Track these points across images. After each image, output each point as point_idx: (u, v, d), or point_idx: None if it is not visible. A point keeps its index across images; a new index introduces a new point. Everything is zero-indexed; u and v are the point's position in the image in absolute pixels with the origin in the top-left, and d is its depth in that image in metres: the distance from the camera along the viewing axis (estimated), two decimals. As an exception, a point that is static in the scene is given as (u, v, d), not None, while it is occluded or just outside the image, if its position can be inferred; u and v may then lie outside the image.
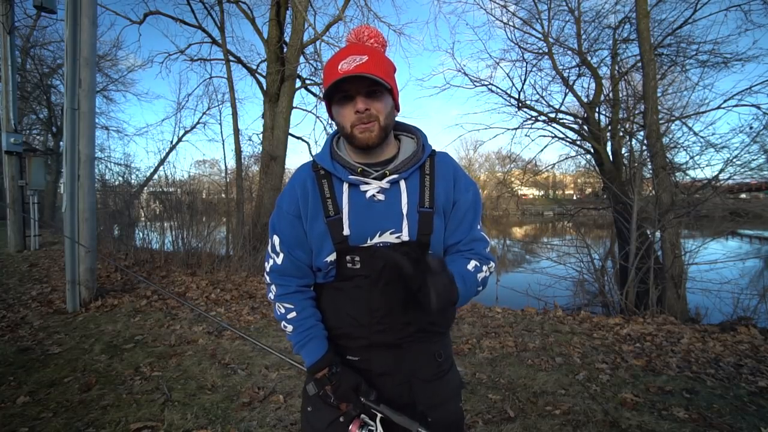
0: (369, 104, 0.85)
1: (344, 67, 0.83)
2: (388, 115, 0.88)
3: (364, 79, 0.83)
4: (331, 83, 0.83)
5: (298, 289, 0.97)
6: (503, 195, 13.16)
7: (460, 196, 0.95)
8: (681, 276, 5.14)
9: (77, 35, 4.22)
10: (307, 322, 0.93)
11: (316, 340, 0.92)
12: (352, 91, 0.85)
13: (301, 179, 0.94)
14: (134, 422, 2.20)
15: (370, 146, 0.87)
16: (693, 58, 7.64)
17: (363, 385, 0.89)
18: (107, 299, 4.61)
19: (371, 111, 0.85)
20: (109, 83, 16.02)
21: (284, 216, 0.95)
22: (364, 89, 0.84)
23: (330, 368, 0.89)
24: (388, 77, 0.86)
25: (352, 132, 0.87)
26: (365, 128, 0.85)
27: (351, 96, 0.85)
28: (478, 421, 2.26)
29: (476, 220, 0.98)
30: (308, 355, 0.91)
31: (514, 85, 9.99)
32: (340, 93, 0.86)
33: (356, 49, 0.86)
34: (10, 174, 8.36)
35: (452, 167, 0.97)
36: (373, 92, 0.85)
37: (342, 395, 0.87)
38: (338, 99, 0.87)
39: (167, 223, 7.84)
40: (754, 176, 5.70)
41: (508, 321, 4.19)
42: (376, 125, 0.86)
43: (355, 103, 0.85)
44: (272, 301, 0.99)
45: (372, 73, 0.82)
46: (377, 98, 0.86)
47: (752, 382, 2.65)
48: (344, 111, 0.87)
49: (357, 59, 0.83)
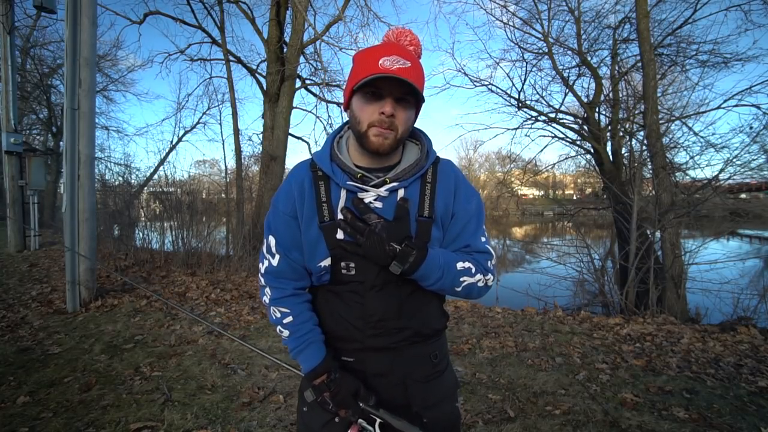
0: (396, 110, 0.82)
1: (386, 64, 0.78)
2: (407, 128, 0.85)
3: (402, 84, 0.79)
4: (369, 76, 0.78)
5: (294, 292, 0.94)
6: (503, 195, 13.15)
7: (459, 207, 0.92)
8: (681, 276, 5.14)
9: (77, 35, 4.22)
10: (305, 327, 0.92)
11: (314, 345, 0.90)
12: (384, 90, 0.81)
13: (298, 179, 0.91)
14: (134, 422, 2.20)
15: (380, 153, 0.84)
16: (693, 58, 7.64)
17: (362, 390, 0.87)
18: (107, 299, 4.61)
19: (395, 119, 0.82)
20: (109, 83, 16.04)
21: (280, 216, 0.92)
22: (397, 94, 0.81)
23: (329, 374, 0.87)
24: (422, 90, 0.83)
25: (368, 131, 0.83)
26: (382, 133, 0.82)
27: (381, 95, 0.81)
28: (478, 421, 2.26)
29: (478, 231, 0.95)
30: (306, 361, 0.89)
31: (514, 85, 10.02)
32: (370, 87, 0.81)
33: (401, 50, 0.82)
34: (10, 174, 8.36)
35: (454, 176, 0.94)
36: (404, 100, 0.82)
37: (341, 401, 0.85)
38: (366, 93, 0.82)
39: (167, 223, 7.84)
40: (754, 176, 5.70)
41: (508, 321, 4.19)
42: (393, 135, 0.83)
43: (384, 104, 0.81)
44: (267, 305, 0.96)
45: (414, 82, 0.79)
46: (405, 107, 0.83)
47: (752, 382, 2.65)
48: (369, 107, 0.82)
49: (401, 61, 0.79)
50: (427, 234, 0.88)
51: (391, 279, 0.87)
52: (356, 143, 0.88)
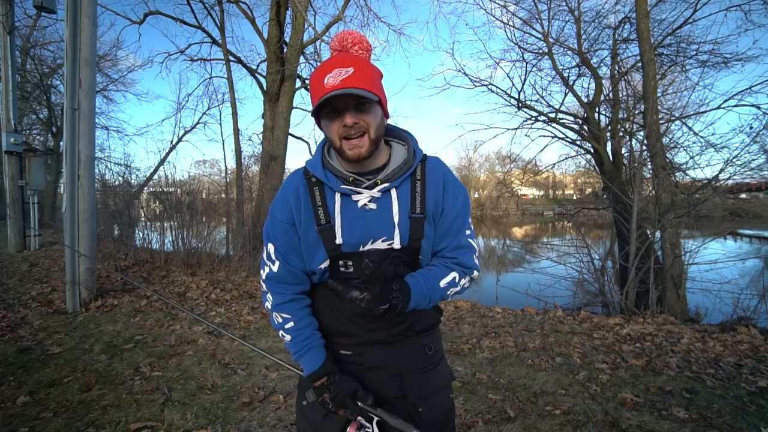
0: (358, 118, 0.84)
1: (330, 81, 0.81)
2: (378, 126, 0.87)
3: (350, 94, 0.82)
4: (318, 101, 0.82)
5: (295, 297, 0.98)
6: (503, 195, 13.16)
7: (448, 203, 0.96)
8: (681, 276, 5.14)
9: (77, 35, 4.22)
10: (305, 332, 0.96)
11: (314, 349, 0.95)
12: (340, 105, 0.84)
13: (293, 187, 0.95)
14: (134, 422, 2.20)
15: (361, 160, 0.87)
16: (693, 58, 7.65)
17: (360, 391, 0.91)
18: (107, 299, 4.61)
19: (360, 124, 0.84)
20: (109, 83, 16.06)
21: (278, 224, 0.96)
22: (352, 103, 0.83)
23: (328, 377, 0.91)
24: (375, 88, 0.85)
25: (342, 146, 0.86)
26: (354, 145, 0.85)
27: (340, 110, 0.84)
28: (478, 421, 2.26)
29: (464, 227, 0.98)
30: (307, 364, 0.94)
31: (514, 85, 9.97)
32: (328, 107, 0.85)
33: (341, 60, 0.84)
34: (10, 174, 8.36)
35: (442, 173, 0.96)
36: (362, 104, 0.84)
37: (340, 402, 0.90)
38: (326, 113, 0.86)
39: (167, 223, 7.84)
40: (754, 176, 5.70)
41: (508, 321, 4.19)
42: (366, 139, 0.85)
43: (344, 118, 0.84)
44: (269, 311, 1.00)
45: (359, 87, 0.81)
46: (366, 111, 0.85)
47: (752, 382, 2.65)
48: (333, 125, 0.86)
49: (343, 72, 0.81)
50: (420, 231, 0.92)
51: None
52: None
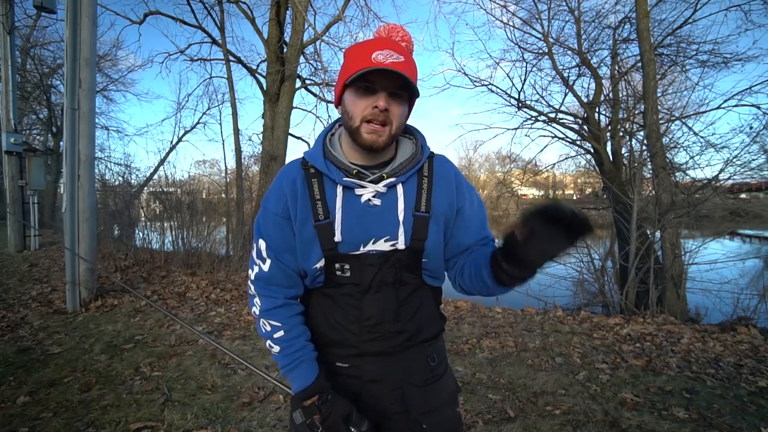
0: (390, 105, 0.80)
1: (379, 58, 0.76)
2: (401, 123, 0.84)
3: (396, 78, 0.78)
4: (362, 70, 0.76)
5: (286, 302, 0.89)
6: (503, 195, 13.13)
7: (464, 201, 0.92)
8: (681, 276, 5.14)
9: (77, 35, 4.22)
10: (296, 344, 0.87)
11: (306, 363, 0.86)
12: (377, 84, 0.79)
13: (289, 178, 0.87)
14: (134, 422, 2.20)
15: (374, 150, 0.82)
16: (693, 58, 7.65)
17: (355, 415, 0.82)
18: (107, 299, 4.61)
19: (389, 113, 0.80)
20: (109, 83, 16.02)
21: (271, 218, 0.87)
22: (391, 87, 0.79)
23: (321, 396, 0.82)
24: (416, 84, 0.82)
25: (360, 127, 0.80)
26: (375, 130, 0.80)
27: (374, 89, 0.79)
28: (478, 421, 2.26)
29: (486, 221, 0.95)
30: (297, 380, 0.84)
31: (514, 85, 10.02)
32: (363, 82, 0.79)
33: (394, 45, 0.81)
34: (10, 174, 8.35)
35: (453, 171, 0.93)
36: (397, 95, 0.81)
37: (331, 426, 0.80)
38: (359, 87, 0.80)
39: (167, 223, 7.84)
40: (754, 176, 5.70)
41: (508, 321, 4.19)
42: (387, 131, 0.81)
43: (377, 99, 0.79)
44: (256, 317, 0.91)
45: (408, 76, 0.77)
46: (399, 102, 0.81)
47: (752, 382, 2.65)
48: (361, 102, 0.80)
49: (394, 55, 0.77)
50: (424, 230, 0.86)
51: (387, 281, 0.86)
52: (349, 140, 0.86)
